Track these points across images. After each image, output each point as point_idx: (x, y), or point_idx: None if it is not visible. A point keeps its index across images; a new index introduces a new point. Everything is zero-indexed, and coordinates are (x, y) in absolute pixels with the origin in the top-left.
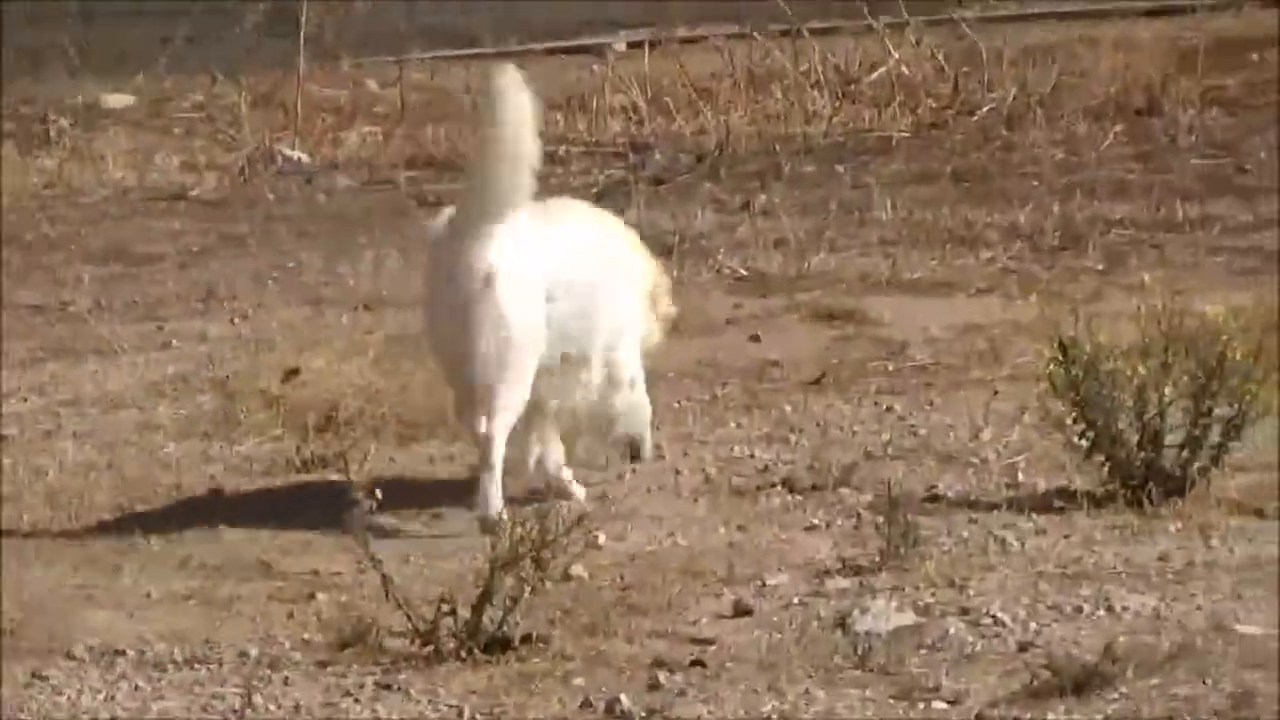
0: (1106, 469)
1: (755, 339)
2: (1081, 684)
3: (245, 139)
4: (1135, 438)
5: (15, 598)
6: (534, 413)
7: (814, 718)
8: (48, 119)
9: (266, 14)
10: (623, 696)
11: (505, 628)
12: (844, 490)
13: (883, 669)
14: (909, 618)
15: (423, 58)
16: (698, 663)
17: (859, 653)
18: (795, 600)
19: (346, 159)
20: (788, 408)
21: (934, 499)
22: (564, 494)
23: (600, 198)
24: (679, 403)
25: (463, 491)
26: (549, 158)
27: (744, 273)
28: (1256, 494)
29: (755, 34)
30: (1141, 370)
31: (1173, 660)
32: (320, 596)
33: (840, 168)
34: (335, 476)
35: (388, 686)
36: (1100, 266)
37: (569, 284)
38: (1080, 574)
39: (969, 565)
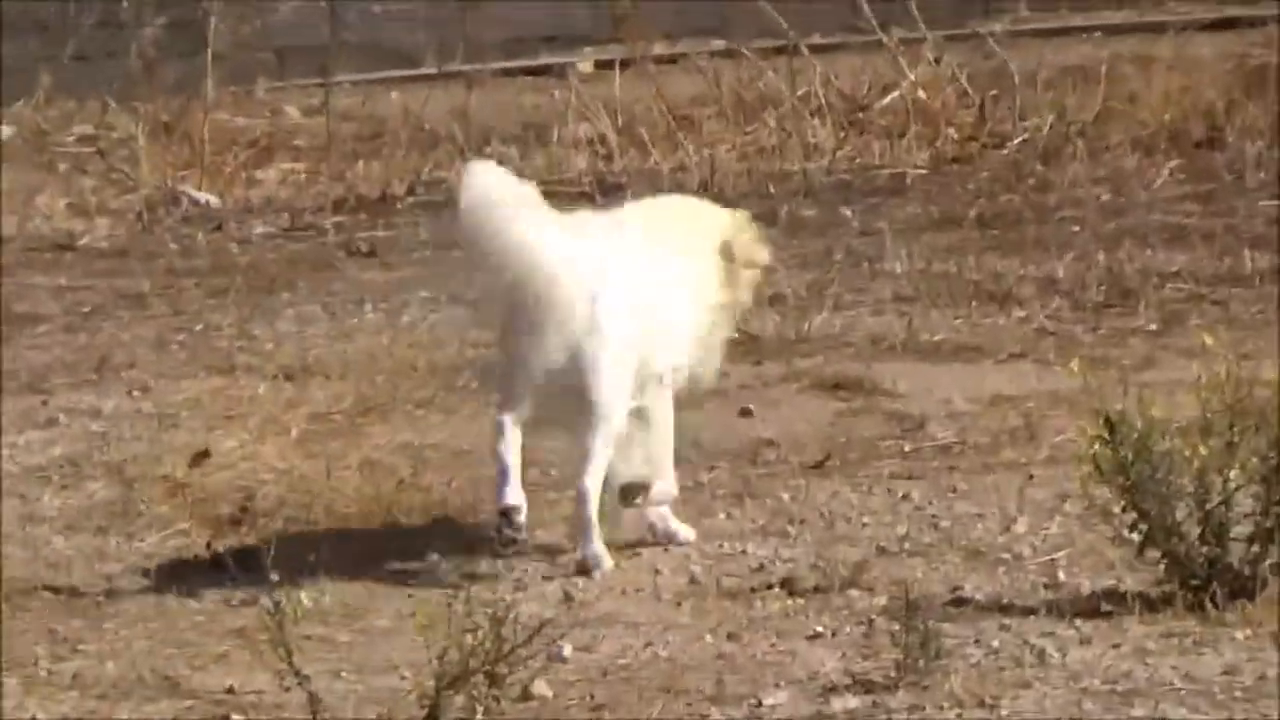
0: (1162, 567)
1: (747, 413)
2: None
3: (143, 178)
4: (1196, 530)
5: None
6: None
7: None
8: None
9: (167, 29)
10: None
11: None
12: (853, 592)
13: None
14: None
15: (354, 80)
16: None
17: None
18: None
19: (263, 201)
20: (786, 495)
21: (959, 602)
22: (671, 537)
23: None
24: None
25: (401, 596)
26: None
27: (733, 335)
28: None
29: (745, 51)
30: (1203, 450)
31: None
32: (236, 718)
33: (846, 210)
34: (252, 577)
35: None
36: (1153, 327)
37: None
38: (1132, 691)
39: (1000, 680)
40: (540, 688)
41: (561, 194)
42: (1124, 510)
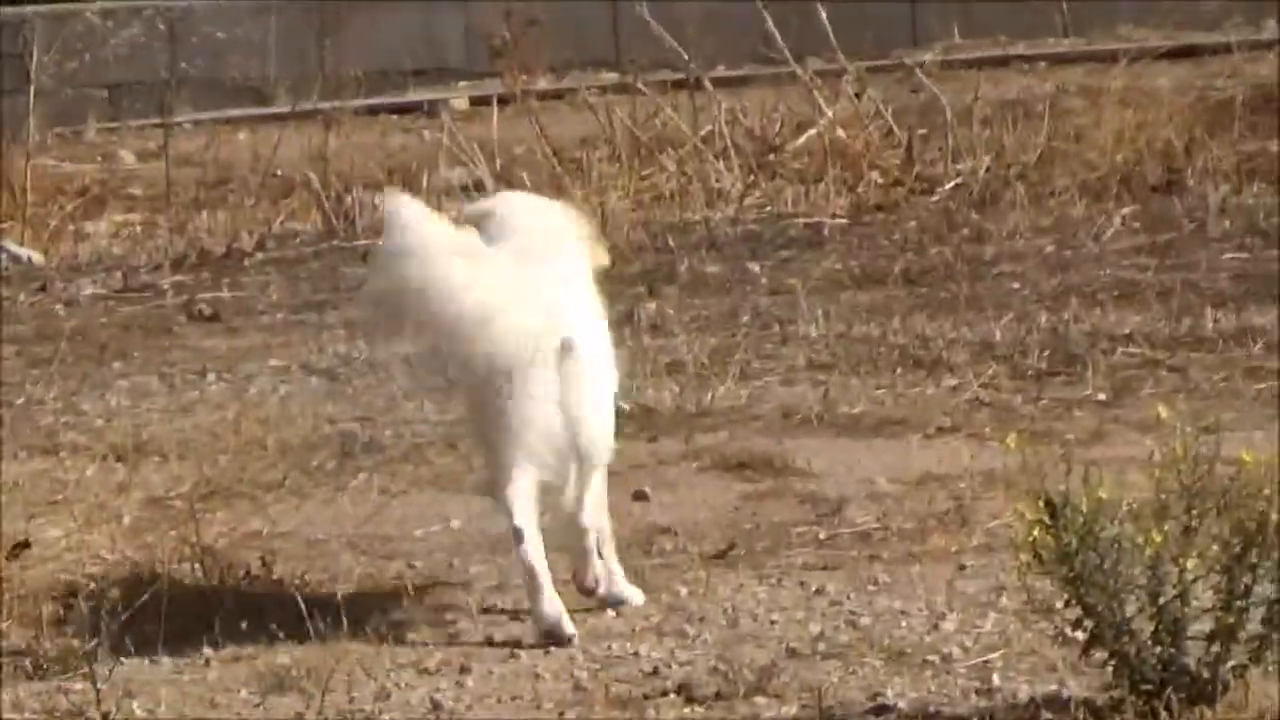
0: (1110, 669)
1: (641, 496)
2: None
3: None
4: (1149, 627)
5: None
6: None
7: None
8: None
9: None
10: None
11: None
12: (759, 699)
13: None
14: None
15: (196, 120)
16: None
17: None
18: None
19: (93, 258)
20: (684, 590)
21: (880, 710)
22: (618, 600)
23: None
24: None
25: (248, 705)
26: (364, 254)
27: (626, 407)
28: None
29: (640, 86)
30: (1156, 536)
31: None
32: None
33: (754, 266)
34: (79, 685)
35: None
36: (1102, 397)
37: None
38: None
39: None
40: None
41: None
42: (1067, 605)
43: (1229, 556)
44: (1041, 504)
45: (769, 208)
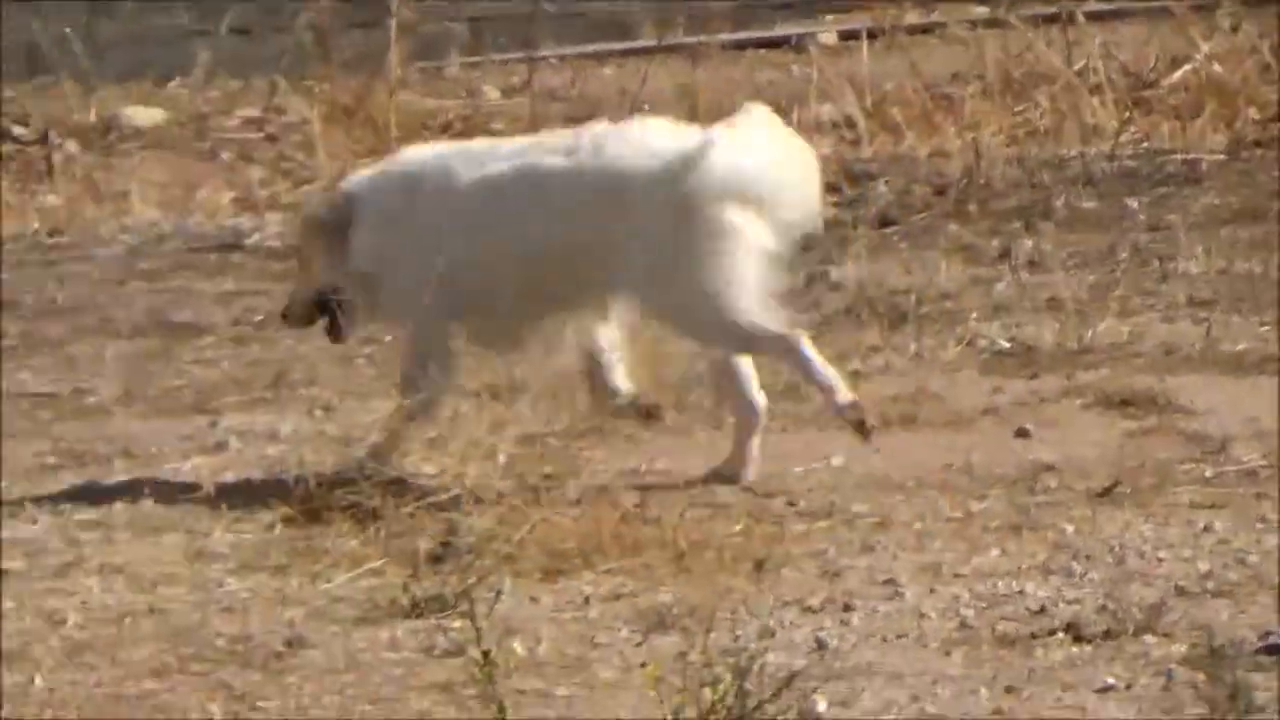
0: None
1: (1023, 434)
2: None
3: (320, 167)
4: None
5: None
6: None
7: None
8: (49, 142)
9: None
10: None
11: None
12: (1148, 638)
13: None
14: None
15: (560, 55)
16: None
17: None
18: None
19: None
20: (1069, 528)
21: (1271, 649)
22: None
23: (805, 245)
24: (920, 522)
25: (629, 644)
26: None
27: (1006, 345)
28: None
29: (1012, 20)
30: None
31: None
32: None
33: (1132, 202)
34: (457, 624)
35: None
36: None
37: None
38: None
39: None
40: None
41: None
42: None
43: None
44: None
45: (1145, 144)
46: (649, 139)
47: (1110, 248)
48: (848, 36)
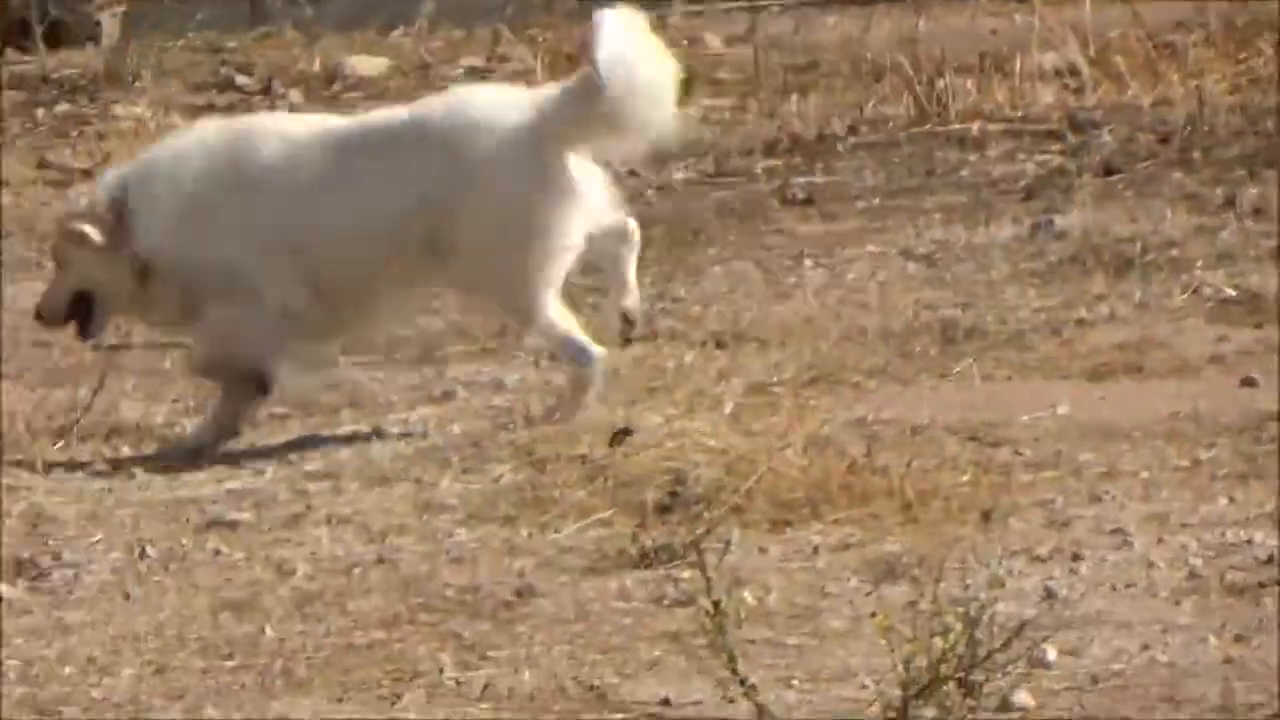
0: None
1: (1249, 383)
2: None
3: None
4: None
5: None
6: None
7: None
8: (273, 92)
9: None
10: None
11: None
12: None
13: None
14: None
15: (783, 4)
16: None
17: None
18: None
19: (683, 142)
20: None
21: None
22: None
23: (1030, 193)
24: (1148, 471)
25: (858, 594)
26: (958, 140)
27: (1231, 293)
28: None
29: None
30: None
31: None
32: None
33: None
34: (686, 574)
35: None
36: None
37: None
38: None
39: None
40: (1021, 697)
41: (1025, 133)
42: None
43: None
44: None
45: None
46: None
47: None
48: None
